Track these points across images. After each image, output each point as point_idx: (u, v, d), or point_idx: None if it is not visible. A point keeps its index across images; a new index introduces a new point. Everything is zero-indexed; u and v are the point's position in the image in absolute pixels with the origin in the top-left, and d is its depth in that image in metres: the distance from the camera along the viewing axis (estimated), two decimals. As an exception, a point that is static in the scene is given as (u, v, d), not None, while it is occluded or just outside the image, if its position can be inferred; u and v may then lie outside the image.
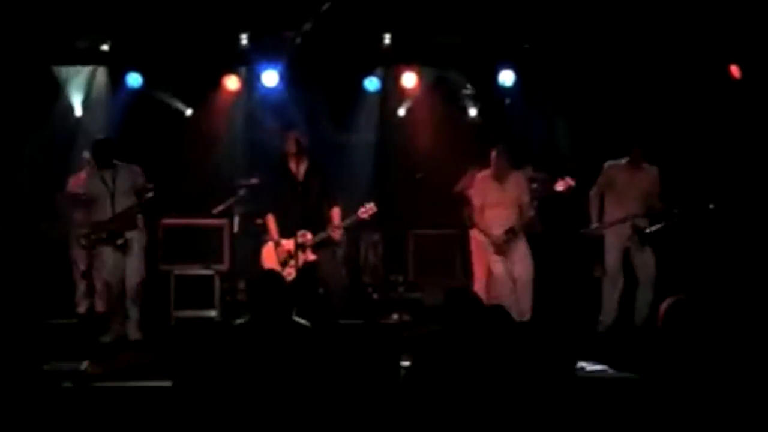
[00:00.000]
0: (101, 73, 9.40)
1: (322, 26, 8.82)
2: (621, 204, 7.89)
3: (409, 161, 9.66)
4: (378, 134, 9.94)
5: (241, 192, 8.39)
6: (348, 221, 7.50)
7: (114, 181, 7.34)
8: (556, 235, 8.65)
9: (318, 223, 7.36)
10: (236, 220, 8.56)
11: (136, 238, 7.45)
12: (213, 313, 8.46)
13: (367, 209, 7.39)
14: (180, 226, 8.72)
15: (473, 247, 8.12)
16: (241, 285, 8.50)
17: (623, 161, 7.93)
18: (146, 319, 7.75)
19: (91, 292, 7.63)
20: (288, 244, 7.35)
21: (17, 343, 7.05)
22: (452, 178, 8.71)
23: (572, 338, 6.10)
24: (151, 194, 7.39)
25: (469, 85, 9.77)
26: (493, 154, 7.79)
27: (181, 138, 9.50)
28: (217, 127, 9.64)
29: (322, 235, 7.32)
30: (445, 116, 9.77)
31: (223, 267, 8.70)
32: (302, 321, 5.23)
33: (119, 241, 7.34)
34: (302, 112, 9.74)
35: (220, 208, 8.44)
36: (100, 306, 7.69)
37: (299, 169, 7.43)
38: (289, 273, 7.21)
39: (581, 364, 6.23)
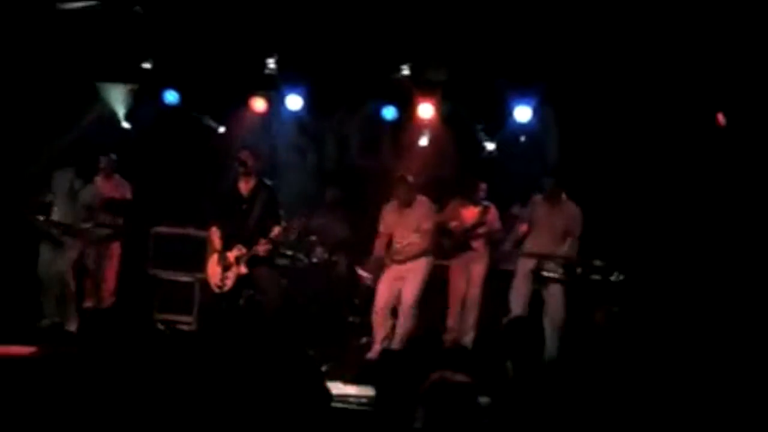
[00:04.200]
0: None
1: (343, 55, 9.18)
2: (535, 239, 7.70)
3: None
4: (392, 162, 10.05)
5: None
6: (282, 237, 7.78)
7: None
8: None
9: (257, 238, 7.65)
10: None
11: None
12: (189, 319, 8.93)
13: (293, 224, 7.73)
14: (170, 234, 9.23)
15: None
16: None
17: (540, 196, 7.75)
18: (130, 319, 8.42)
19: None
20: (230, 255, 7.71)
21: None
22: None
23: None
24: None
25: None
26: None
27: (208, 153, 10.10)
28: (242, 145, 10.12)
29: (251, 251, 7.61)
30: (460, 148, 9.77)
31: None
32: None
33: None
34: (329, 136, 10.20)
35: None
36: None
37: (246, 186, 7.78)
38: (227, 280, 7.63)
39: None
